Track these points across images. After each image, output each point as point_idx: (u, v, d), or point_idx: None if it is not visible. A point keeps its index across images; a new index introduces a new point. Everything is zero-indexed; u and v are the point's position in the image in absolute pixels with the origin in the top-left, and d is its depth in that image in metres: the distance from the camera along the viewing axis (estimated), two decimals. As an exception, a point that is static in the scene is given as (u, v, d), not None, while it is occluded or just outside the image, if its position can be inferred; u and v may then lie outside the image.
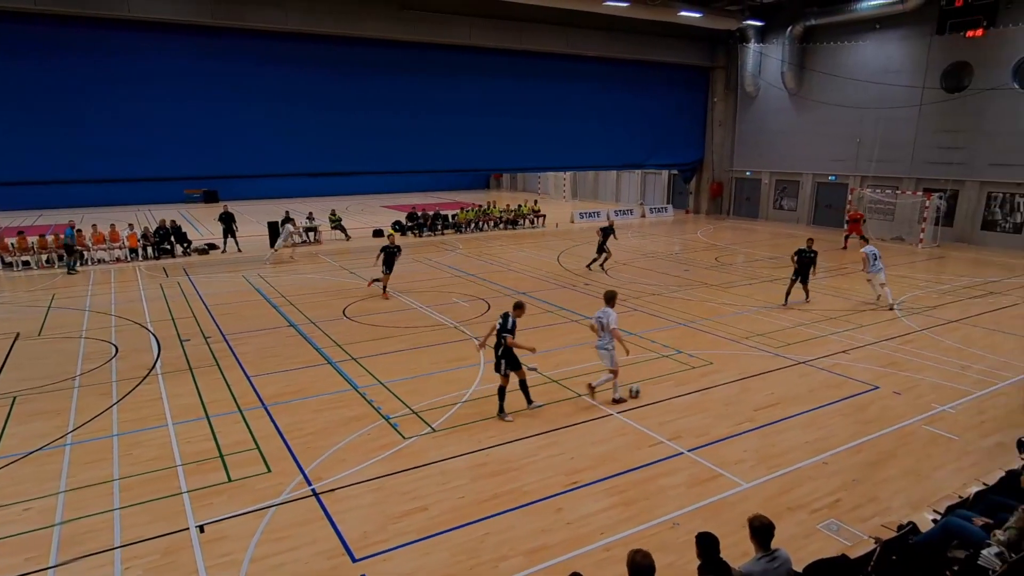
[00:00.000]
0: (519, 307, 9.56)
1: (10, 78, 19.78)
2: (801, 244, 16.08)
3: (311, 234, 27.45)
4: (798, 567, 4.96)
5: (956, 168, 25.44)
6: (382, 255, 17.00)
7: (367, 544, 6.56)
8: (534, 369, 11.53)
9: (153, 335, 13.89)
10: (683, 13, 27.10)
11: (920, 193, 25.75)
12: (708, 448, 8.59)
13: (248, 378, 11.31)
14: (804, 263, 15.70)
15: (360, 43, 24.57)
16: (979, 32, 24.10)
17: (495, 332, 9.35)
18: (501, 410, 9.51)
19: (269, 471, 8.04)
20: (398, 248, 17.27)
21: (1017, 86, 23.43)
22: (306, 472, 7.99)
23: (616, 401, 10.03)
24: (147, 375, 11.45)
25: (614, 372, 9.98)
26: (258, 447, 8.68)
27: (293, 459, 8.34)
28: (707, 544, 4.66)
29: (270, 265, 22.21)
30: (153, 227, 24.42)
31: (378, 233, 29.21)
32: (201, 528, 6.82)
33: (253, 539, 6.62)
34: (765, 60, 31.89)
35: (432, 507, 7.23)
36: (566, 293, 17.61)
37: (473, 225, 31.15)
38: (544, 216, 33.18)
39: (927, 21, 25.52)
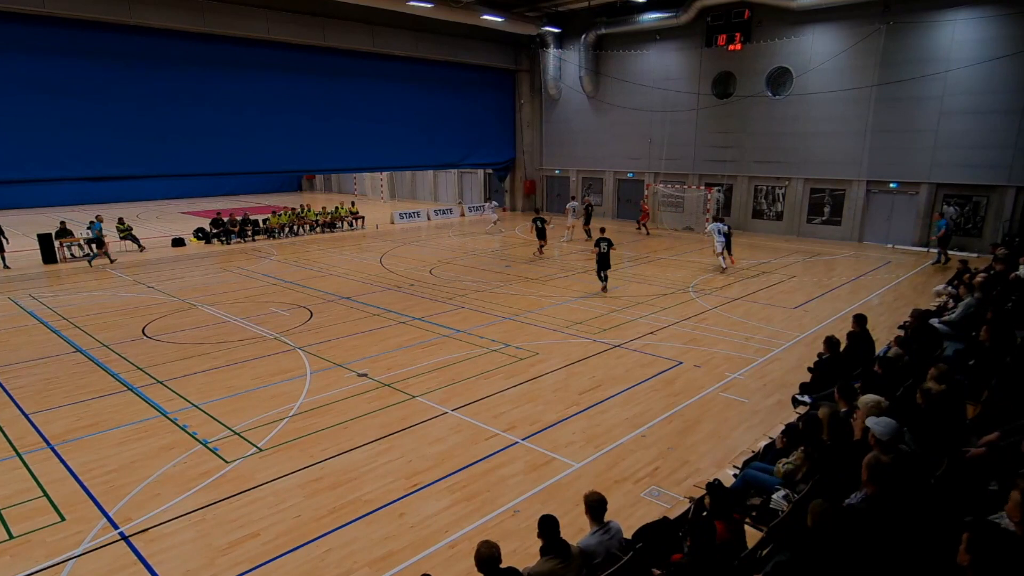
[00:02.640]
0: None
1: None
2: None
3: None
4: (628, 534, 5.38)
5: (729, 165, 29.05)
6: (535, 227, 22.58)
7: (193, 583, 6.00)
8: (364, 375, 11.26)
9: None
10: (486, 17, 27.91)
11: (703, 187, 29.06)
12: (541, 434, 8.99)
13: (26, 416, 9.74)
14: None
15: (146, 33, 22.02)
16: (739, 46, 27.70)
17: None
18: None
19: (63, 520, 7.01)
20: (540, 220, 22.59)
21: (770, 94, 27.28)
22: (110, 514, 7.08)
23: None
24: None
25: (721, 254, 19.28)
26: (46, 494, 7.52)
27: (93, 502, 7.35)
28: (548, 526, 4.87)
29: (566, 243, 26.52)
30: None
31: (178, 242, 26.58)
32: (-23, 599, 5.79)
33: (49, 601, 5.75)
34: (564, 65, 33.89)
35: (265, 532, 6.78)
36: (392, 295, 17.38)
37: (287, 230, 29.56)
38: (363, 218, 32.46)
39: (698, 34, 28.81)
